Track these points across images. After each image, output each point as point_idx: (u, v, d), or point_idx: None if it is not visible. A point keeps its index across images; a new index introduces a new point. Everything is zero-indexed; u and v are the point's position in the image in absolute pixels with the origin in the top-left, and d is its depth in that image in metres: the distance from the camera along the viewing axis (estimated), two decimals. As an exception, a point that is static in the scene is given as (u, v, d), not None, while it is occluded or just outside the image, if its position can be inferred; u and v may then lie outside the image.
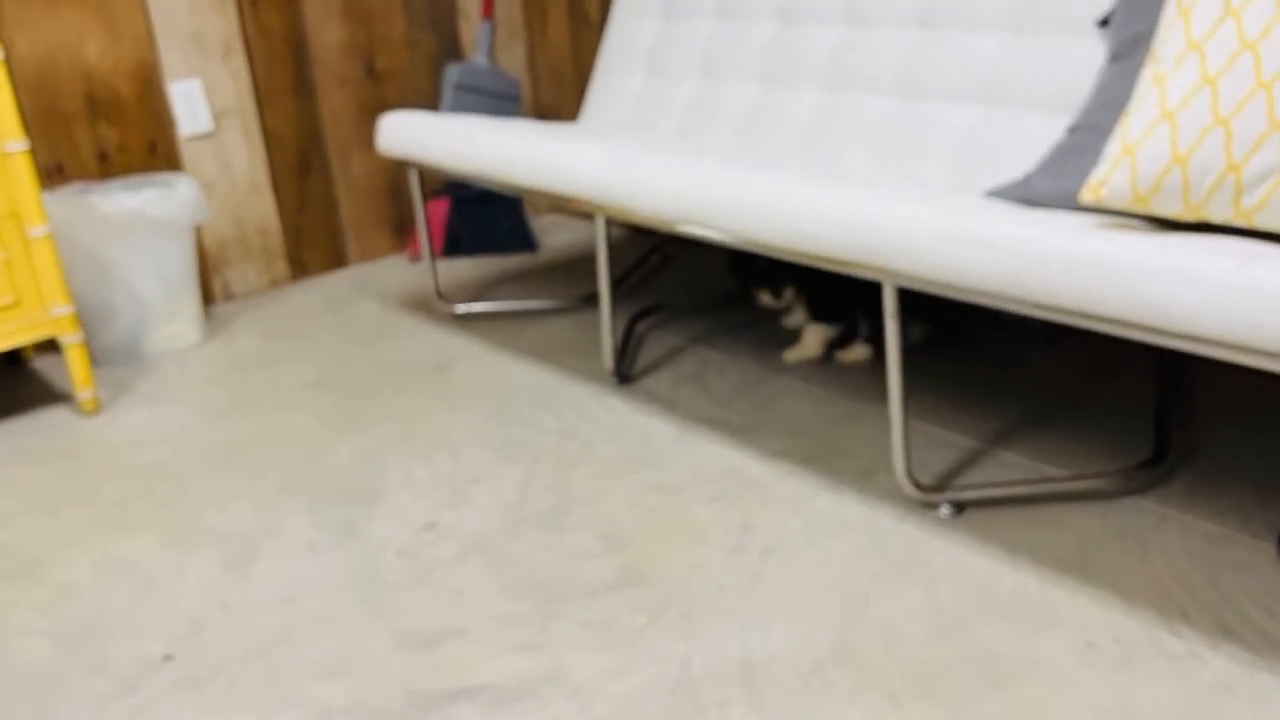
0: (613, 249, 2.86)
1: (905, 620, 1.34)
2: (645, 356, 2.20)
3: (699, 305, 2.44)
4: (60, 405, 2.18)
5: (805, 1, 2.11)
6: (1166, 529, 1.48)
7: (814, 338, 2.10)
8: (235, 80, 2.60)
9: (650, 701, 1.24)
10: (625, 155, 1.81)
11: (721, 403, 1.96)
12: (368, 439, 1.93)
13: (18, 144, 1.94)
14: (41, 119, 2.35)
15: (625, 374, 2.11)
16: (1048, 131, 1.67)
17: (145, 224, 2.24)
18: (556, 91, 3.11)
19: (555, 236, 3.08)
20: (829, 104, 2.04)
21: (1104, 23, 1.62)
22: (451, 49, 2.97)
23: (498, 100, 2.89)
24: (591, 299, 2.52)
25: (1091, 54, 1.65)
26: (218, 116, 2.59)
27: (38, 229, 1.98)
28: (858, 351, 2.08)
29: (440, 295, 2.51)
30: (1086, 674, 1.23)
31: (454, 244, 2.93)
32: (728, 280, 2.23)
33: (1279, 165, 1.20)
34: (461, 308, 2.51)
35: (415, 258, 2.95)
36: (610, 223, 1.95)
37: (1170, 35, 1.30)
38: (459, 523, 1.64)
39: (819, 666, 1.27)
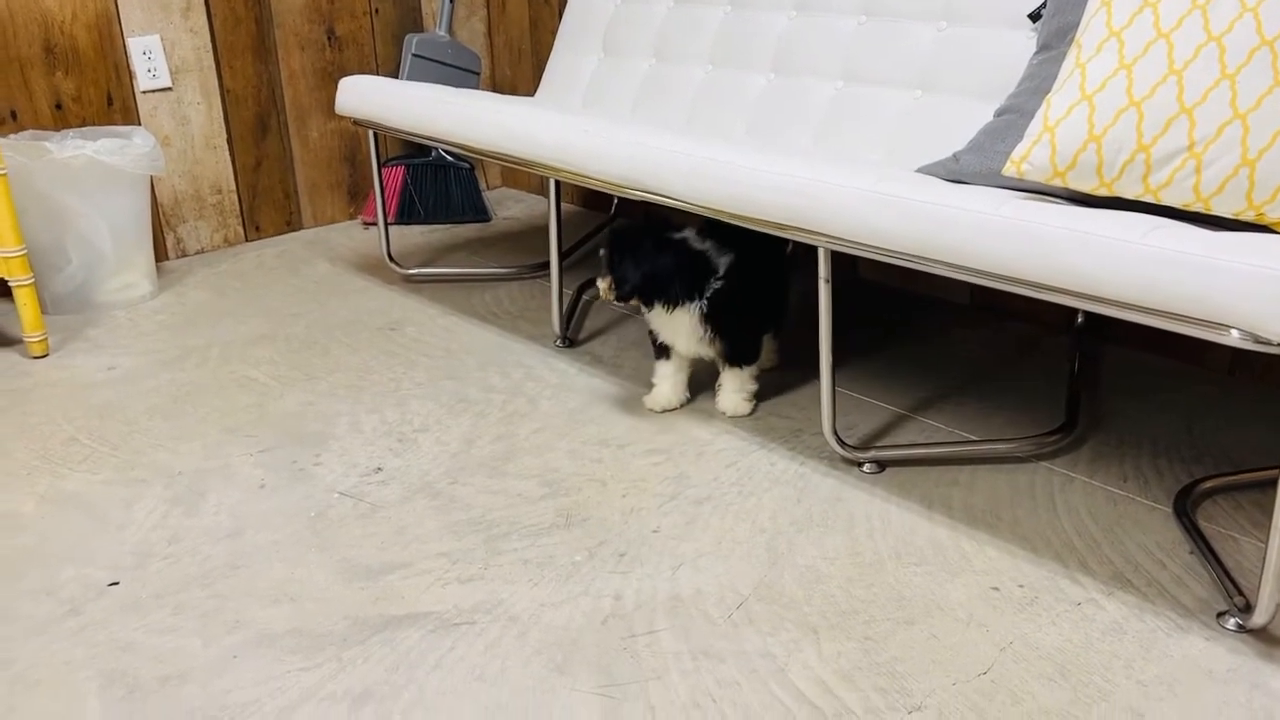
0: (563, 223, 2.92)
1: (826, 564, 1.42)
2: (591, 324, 2.26)
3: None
4: (8, 349, 2.19)
5: (759, -14, 2.19)
6: (1072, 490, 1.58)
7: (740, 390, 1.83)
8: (195, 37, 2.62)
9: (584, 630, 1.31)
10: (580, 121, 1.87)
11: (663, 367, 2.03)
12: (317, 389, 1.97)
13: (-25, 84, 1.95)
14: (-3, 65, 2.36)
15: (571, 338, 2.17)
16: (980, 116, 1.77)
17: (100, 172, 2.25)
18: (514, 67, 3.16)
19: (507, 209, 3.13)
20: (777, 86, 2.12)
21: (1034, 17, 1.72)
22: (412, 19, 3.01)
23: (456, 72, 2.94)
24: (539, 268, 2.58)
25: (1021, 45, 1.74)
26: (176, 73, 2.61)
27: (-8, 170, 1.99)
28: (736, 400, 1.84)
29: (392, 259, 2.55)
30: (991, 614, 1.32)
31: (408, 211, 2.97)
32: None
33: (1185, 146, 1.30)
34: (413, 271, 2.55)
35: (369, 222, 2.98)
36: (561, 189, 2.01)
37: (1092, 23, 1.40)
38: (405, 468, 1.69)
39: (743, 602, 1.35)
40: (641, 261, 1.68)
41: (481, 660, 1.26)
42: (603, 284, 1.72)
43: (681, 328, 1.75)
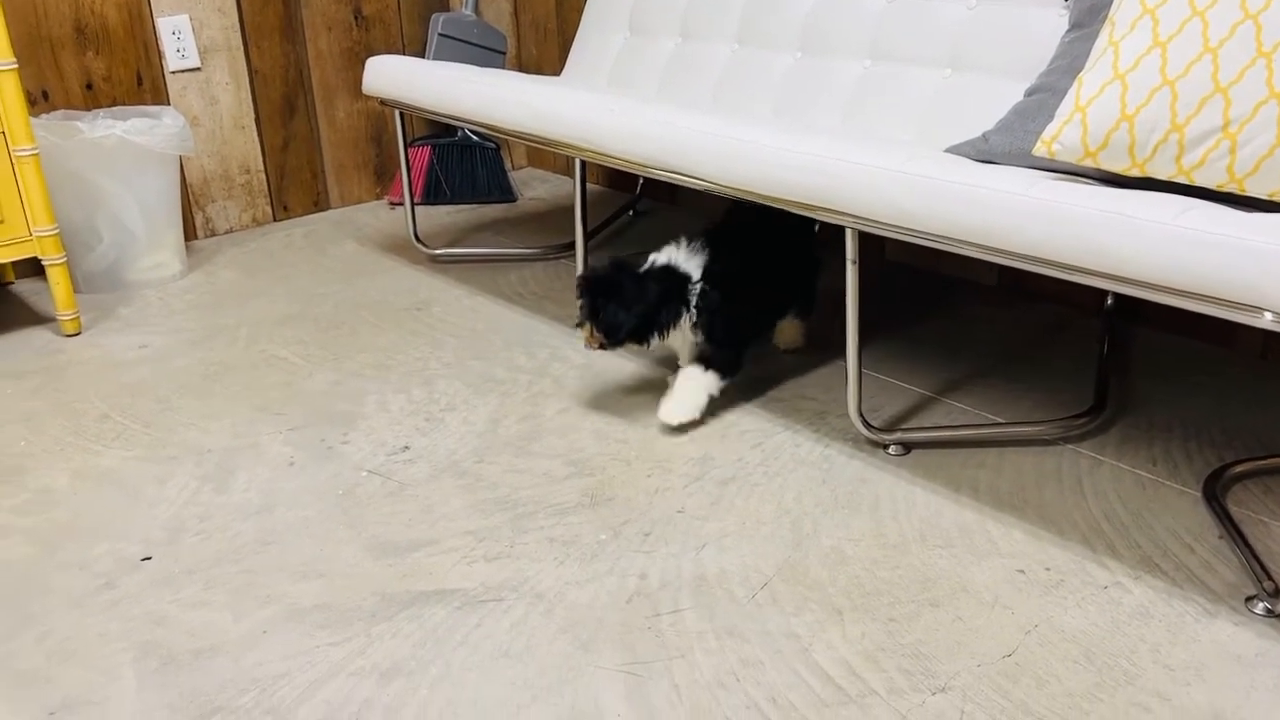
0: (588, 203, 2.92)
1: (851, 545, 1.42)
2: (617, 304, 2.26)
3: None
4: (41, 326, 2.22)
5: (787, -36, 2.17)
6: (1100, 473, 1.57)
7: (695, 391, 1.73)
8: (223, 18, 2.63)
9: (609, 608, 1.31)
10: (606, 100, 1.87)
11: (689, 347, 2.03)
12: (345, 368, 1.99)
13: (5, 63, 1.97)
14: (29, 45, 2.37)
15: (597, 318, 2.17)
16: (1010, 96, 1.74)
17: (130, 152, 2.27)
18: (540, 46, 3.15)
19: (532, 189, 3.13)
20: (804, 65, 2.10)
21: (1068, -7, 1.69)
22: (438, -1, 3.01)
23: (482, 52, 2.93)
24: (565, 249, 2.58)
25: (1053, 23, 1.72)
26: (205, 53, 2.62)
27: (24, 149, 2.01)
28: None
29: (419, 239, 2.55)
30: (1017, 596, 1.31)
31: (434, 191, 2.98)
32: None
33: (1219, 126, 1.28)
34: (440, 251, 2.56)
35: (395, 202, 2.99)
36: (587, 169, 2.00)
37: (1126, 1, 1.38)
38: (432, 447, 1.70)
39: (768, 583, 1.35)
40: (627, 303, 1.64)
41: (508, 637, 1.27)
42: (584, 333, 1.69)
43: (677, 343, 1.75)
